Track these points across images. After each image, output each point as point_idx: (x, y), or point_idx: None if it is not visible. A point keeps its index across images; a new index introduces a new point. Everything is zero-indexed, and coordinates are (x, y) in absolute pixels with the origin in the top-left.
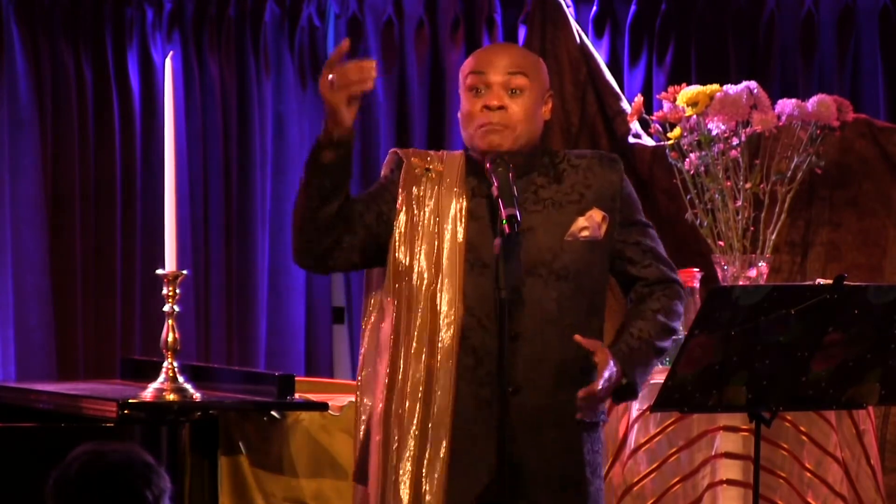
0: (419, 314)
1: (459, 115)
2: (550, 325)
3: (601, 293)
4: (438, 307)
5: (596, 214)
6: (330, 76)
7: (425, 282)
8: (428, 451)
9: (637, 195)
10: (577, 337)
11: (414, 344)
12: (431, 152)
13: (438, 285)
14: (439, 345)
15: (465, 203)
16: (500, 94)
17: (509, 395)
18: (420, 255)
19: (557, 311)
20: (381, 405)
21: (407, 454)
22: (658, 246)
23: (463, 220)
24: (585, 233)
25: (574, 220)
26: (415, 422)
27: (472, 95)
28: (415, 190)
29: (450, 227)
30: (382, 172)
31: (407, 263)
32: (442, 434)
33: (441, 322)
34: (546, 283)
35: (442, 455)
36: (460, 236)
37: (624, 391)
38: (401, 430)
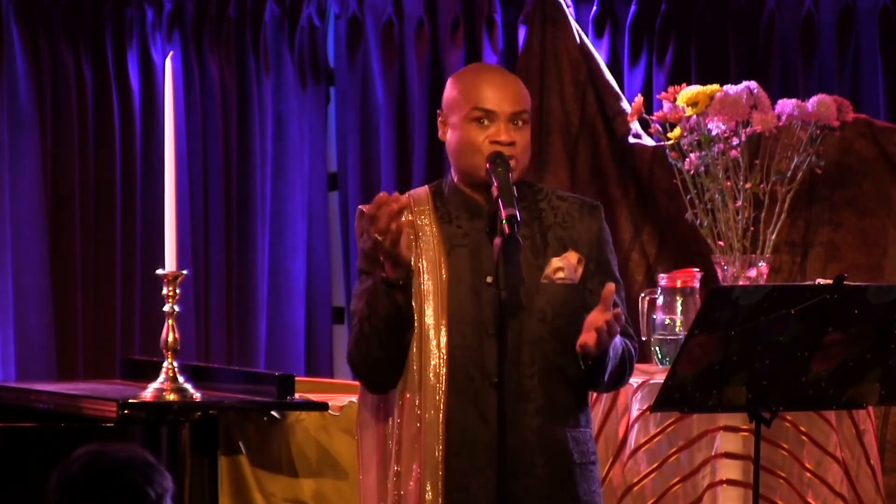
0: (414, 356)
1: (454, 143)
2: (529, 369)
3: (577, 335)
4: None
5: (571, 256)
6: (373, 235)
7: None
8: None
9: (637, 196)
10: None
11: (406, 395)
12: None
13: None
14: (432, 401)
15: (444, 260)
16: (509, 129)
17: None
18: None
19: (536, 354)
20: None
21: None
22: (622, 300)
23: (444, 278)
24: (560, 274)
25: (549, 262)
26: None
27: (476, 126)
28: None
29: (430, 283)
30: (359, 237)
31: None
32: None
33: (430, 371)
34: (522, 326)
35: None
36: (442, 290)
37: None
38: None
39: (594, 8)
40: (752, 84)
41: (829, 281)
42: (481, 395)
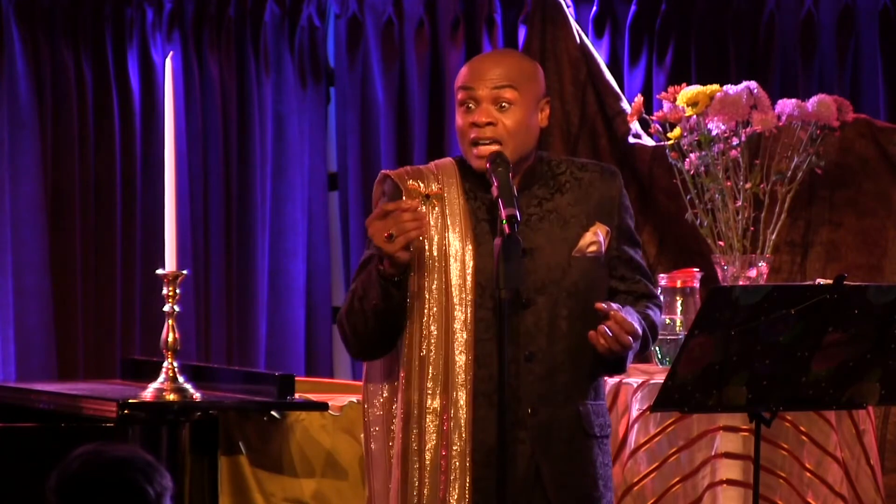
0: (432, 345)
1: (455, 128)
2: (562, 342)
3: None
4: (452, 337)
5: (601, 229)
6: (388, 230)
7: (434, 316)
8: (452, 482)
9: (637, 196)
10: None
11: (430, 375)
12: (423, 168)
13: (451, 319)
14: (452, 376)
15: (471, 236)
16: (489, 110)
17: (528, 417)
18: (432, 288)
19: (568, 329)
20: (399, 444)
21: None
22: (644, 264)
23: (472, 252)
24: (593, 248)
25: (579, 235)
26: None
27: (463, 111)
28: None
29: (458, 262)
30: (376, 200)
31: (418, 296)
32: (462, 467)
33: (455, 351)
34: (556, 301)
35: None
36: (469, 270)
37: (617, 363)
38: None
39: (594, 8)
40: (752, 84)
41: (829, 281)
42: (509, 369)
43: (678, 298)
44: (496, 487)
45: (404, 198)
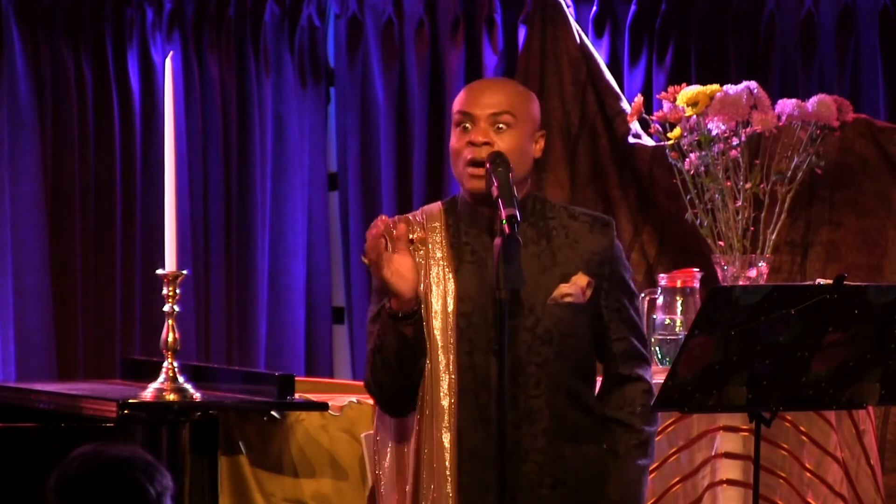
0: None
1: (450, 150)
2: (534, 389)
3: (587, 355)
4: (438, 381)
5: (581, 280)
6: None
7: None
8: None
9: (637, 196)
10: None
11: (424, 416)
12: (410, 216)
13: (435, 362)
14: (438, 419)
15: (453, 278)
16: (486, 130)
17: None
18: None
19: (541, 375)
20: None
21: None
22: (637, 319)
23: (452, 294)
24: (569, 298)
25: (557, 284)
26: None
27: (460, 132)
28: None
29: (439, 303)
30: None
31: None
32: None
33: (441, 394)
34: (529, 347)
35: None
36: (450, 309)
37: None
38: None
39: (594, 8)
40: (752, 84)
41: (829, 281)
42: (489, 412)
43: (678, 298)
44: None
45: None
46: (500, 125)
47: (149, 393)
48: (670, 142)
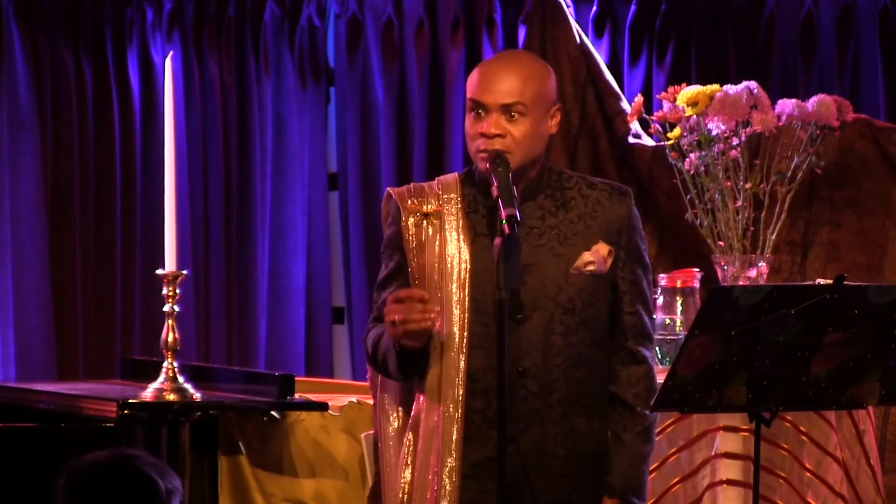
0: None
1: (465, 131)
2: (556, 359)
3: (605, 325)
4: (448, 355)
5: (602, 248)
6: (396, 317)
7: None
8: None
9: (637, 196)
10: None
11: (427, 391)
12: (426, 186)
13: (450, 336)
14: (447, 392)
15: (468, 249)
16: (498, 120)
17: (520, 433)
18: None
19: (563, 345)
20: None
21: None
22: (648, 293)
23: (467, 268)
24: (591, 267)
25: (579, 252)
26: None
27: (473, 117)
28: (414, 241)
29: (455, 280)
30: (384, 219)
31: None
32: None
33: (451, 368)
34: (552, 316)
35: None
36: (466, 285)
37: None
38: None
39: (594, 8)
40: (752, 84)
41: (829, 281)
42: (502, 383)
43: (678, 298)
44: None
45: (403, 217)
46: (514, 113)
47: (149, 393)
48: (670, 142)
